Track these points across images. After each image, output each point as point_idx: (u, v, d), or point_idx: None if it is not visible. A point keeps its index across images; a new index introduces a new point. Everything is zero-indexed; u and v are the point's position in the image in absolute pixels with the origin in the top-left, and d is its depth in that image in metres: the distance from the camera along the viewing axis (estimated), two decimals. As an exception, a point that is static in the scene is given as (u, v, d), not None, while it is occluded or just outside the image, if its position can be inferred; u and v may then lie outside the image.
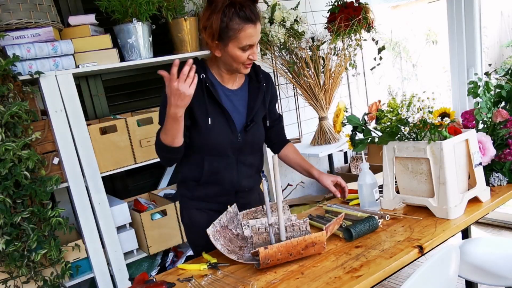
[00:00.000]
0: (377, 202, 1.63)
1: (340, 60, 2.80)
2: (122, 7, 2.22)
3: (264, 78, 1.64)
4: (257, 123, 1.62)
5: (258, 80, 1.62)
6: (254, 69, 1.62)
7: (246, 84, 1.63)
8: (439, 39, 4.25)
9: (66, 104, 2.10)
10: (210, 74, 1.56)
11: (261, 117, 1.65)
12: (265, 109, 1.65)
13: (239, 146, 1.58)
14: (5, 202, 1.83)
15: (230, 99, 1.58)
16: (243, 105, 1.60)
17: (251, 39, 1.42)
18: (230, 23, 1.39)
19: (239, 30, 1.40)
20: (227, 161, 1.57)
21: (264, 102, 1.64)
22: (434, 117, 1.44)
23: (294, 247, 1.29)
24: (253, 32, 1.42)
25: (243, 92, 1.61)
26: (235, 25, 1.39)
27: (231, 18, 1.39)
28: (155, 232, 2.38)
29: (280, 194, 1.39)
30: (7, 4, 1.97)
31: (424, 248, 1.30)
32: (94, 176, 2.19)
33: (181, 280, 1.35)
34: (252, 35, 1.42)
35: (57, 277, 2.03)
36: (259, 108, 1.62)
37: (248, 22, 1.40)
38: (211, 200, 1.63)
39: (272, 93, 1.69)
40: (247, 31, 1.40)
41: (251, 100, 1.60)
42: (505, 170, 1.70)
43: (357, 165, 3.60)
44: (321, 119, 2.89)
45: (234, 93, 1.59)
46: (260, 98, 1.61)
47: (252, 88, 1.62)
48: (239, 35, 1.40)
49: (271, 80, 1.70)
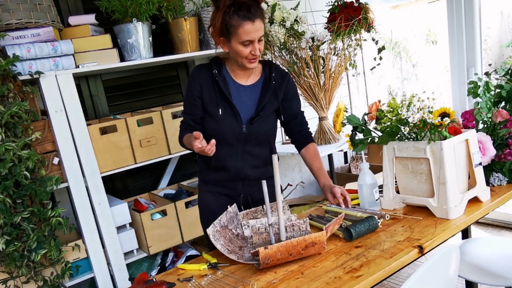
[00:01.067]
0: (377, 202, 1.63)
1: (340, 60, 2.80)
2: (122, 7, 2.22)
3: (280, 76, 1.76)
4: (264, 117, 1.72)
5: (270, 77, 1.73)
6: (270, 67, 1.75)
7: (261, 81, 1.74)
8: (439, 39, 4.25)
9: (66, 104, 2.10)
10: (224, 70, 1.72)
11: (270, 112, 1.74)
12: (278, 105, 1.75)
13: (244, 136, 1.69)
14: (5, 202, 1.83)
15: (241, 93, 1.71)
16: (253, 100, 1.71)
17: (250, 35, 1.54)
18: (230, 21, 1.54)
19: (238, 26, 1.53)
20: (232, 149, 1.71)
21: (277, 97, 1.74)
22: (434, 117, 1.44)
23: (294, 247, 1.29)
24: (251, 28, 1.53)
25: (256, 89, 1.73)
26: (234, 22, 1.53)
27: (231, 16, 1.53)
28: (155, 232, 2.38)
29: (280, 194, 1.39)
30: (7, 4, 1.97)
31: (424, 248, 1.30)
32: (94, 176, 2.19)
33: (181, 280, 1.35)
34: (250, 32, 1.54)
35: (57, 277, 2.03)
36: (269, 103, 1.72)
37: (246, 19, 1.52)
38: (219, 184, 1.77)
39: (287, 90, 1.78)
40: (245, 27, 1.53)
41: (261, 95, 1.72)
42: (505, 170, 1.70)
43: (357, 165, 3.60)
44: (321, 119, 2.89)
45: (246, 88, 1.72)
46: (269, 94, 1.71)
47: (264, 85, 1.74)
48: (238, 31, 1.54)
49: (288, 78, 1.79)
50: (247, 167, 1.73)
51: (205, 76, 1.68)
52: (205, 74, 1.69)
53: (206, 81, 1.67)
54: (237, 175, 1.74)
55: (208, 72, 1.69)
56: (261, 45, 1.61)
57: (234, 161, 1.72)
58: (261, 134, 1.73)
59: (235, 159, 1.72)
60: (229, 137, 1.69)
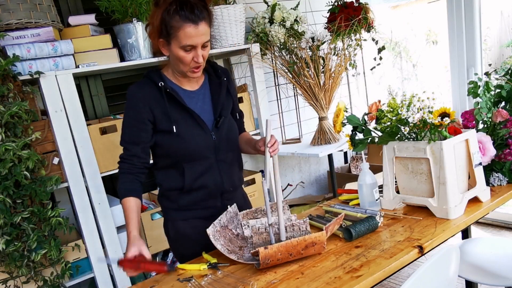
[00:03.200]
0: (377, 202, 1.63)
1: (340, 60, 2.80)
2: (122, 7, 2.22)
3: (223, 73, 1.63)
4: (227, 117, 1.60)
5: (218, 75, 1.60)
6: (212, 66, 1.61)
7: (206, 82, 1.60)
8: (439, 39, 4.26)
9: (66, 104, 2.10)
10: (168, 81, 1.53)
11: (229, 110, 1.63)
12: (232, 102, 1.65)
13: (215, 144, 1.55)
14: (5, 202, 1.82)
15: (194, 100, 1.55)
16: (208, 103, 1.57)
17: (192, 40, 1.38)
18: (170, 21, 1.37)
19: (178, 28, 1.37)
20: (207, 162, 1.54)
21: (230, 93, 1.63)
22: (434, 117, 1.44)
23: (294, 247, 1.29)
24: (194, 32, 1.37)
25: (205, 91, 1.59)
26: (175, 23, 1.37)
27: (171, 15, 1.36)
28: (155, 232, 2.38)
29: (280, 194, 1.39)
30: (7, 4, 1.97)
31: (424, 248, 1.30)
32: (94, 176, 2.19)
33: (181, 280, 1.35)
34: (192, 36, 1.37)
35: (57, 277, 2.03)
36: (225, 102, 1.60)
37: (188, 21, 1.36)
38: (197, 207, 1.59)
39: (233, 88, 1.67)
40: (186, 30, 1.36)
41: (214, 96, 1.58)
42: (505, 170, 1.70)
43: (357, 165, 3.60)
44: (321, 119, 2.89)
45: (196, 93, 1.56)
46: (223, 92, 1.59)
47: (213, 84, 1.60)
48: (178, 34, 1.37)
49: (230, 75, 1.67)
50: (226, 178, 1.58)
51: (151, 94, 1.47)
52: (149, 91, 1.47)
53: (154, 99, 1.47)
54: (217, 190, 1.58)
55: (151, 88, 1.48)
56: (206, 51, 1.44)
57: (213, 175, 1.55)
58: (231, 137, 1.60)
59: (213, 173, 1.55)
60: (200, 150, 1.51)
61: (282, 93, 3.23)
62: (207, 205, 1.59)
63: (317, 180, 3.78)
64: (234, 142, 1.63)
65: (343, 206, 1.71)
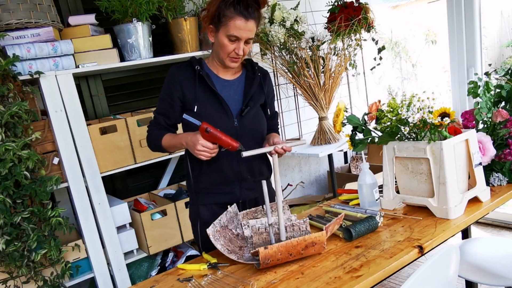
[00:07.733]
0: (377, 202, 1.63)
1: (340, 60, 2.80)
2: (122, 7, 2.22)
3: (261, 71, 1.74)
4: (254, 108, 1.67)
5: (254, 71, 1.72)
6: (251, 63, 1.74)
7: (243, 76, 1.72)
8: (439, 39, 4.26)
9: (66, 104, 2.10)
10: (206, 67, 1.67)
11: (259, 103, 1.71)
12: (264, 97, 1.73)
13: (237, 131, 1.62)
14: (5, 202, 1.82)
15: (226, 88, 1.66)
16: (239, 94, 1.68)
17: (239, 32, 1.52)
18: (225, 11, 1.51)
19: (230, 18, 1.51)
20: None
21: (262, 90, 1.72)
22: (434, 117, 1.44)
23: (294, 247, 1.29)
24: (242, 25, 1.51)
25: (239, 83, 1.70)
26: (228, 13, 1.51)
27: (227, 6, 1.51)
28: (155, 232, 2.38)
29: (280, 194, 1.39)
30: (7, 4, 1.97)
31: (424, 248, 1.30)
32: (94, 176, 2.19)
33: (181, 280, 1.35)
34: (240, 28, 1.51)
35: (57, 277, 2.03)
36: (256, 94, 1.69)
37: (241, 15, 1.50)
38: (216, 190, 1.66)
39: (269, 87, 1.77)
40: (237, 22, 1.51)
41: (247, 87, 1.69)
42: (505, 170, 1.70)
43: (357, 165, 3.60)
44: (321, 119, 2.89)
45: (230, 83, 1.68)
46: (255, 85, 1.69)
47: (248, 78, 1.71)
48: (229, 23, 1.51)
49: (269, 77, 1.78)
50: (243, 166, 1.65)
51: (186, 75, 1.62)
52: (185, 72, 1.62)
53: (187, 80, 1.61)
54: (234, 176, 1.65)
55: (189, 70, 1.63)
56: (248, 47, 1.57)
57: (229, 159, 1.63)
58: (254, 128, 1.67)
59: (231, 158, 1.62)
60: None
61: (282, 93, 3.23)
62: (225, 190, 1.67)
63: (317, 180, 3.78)
64: (258, 133, 1.70)
65: (343, 206, 1.71)
